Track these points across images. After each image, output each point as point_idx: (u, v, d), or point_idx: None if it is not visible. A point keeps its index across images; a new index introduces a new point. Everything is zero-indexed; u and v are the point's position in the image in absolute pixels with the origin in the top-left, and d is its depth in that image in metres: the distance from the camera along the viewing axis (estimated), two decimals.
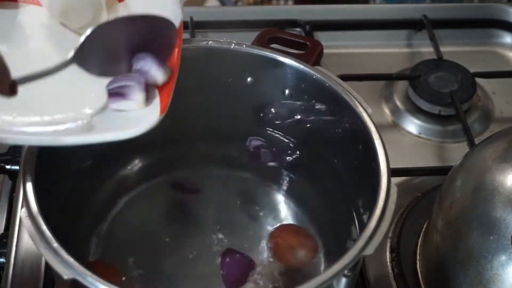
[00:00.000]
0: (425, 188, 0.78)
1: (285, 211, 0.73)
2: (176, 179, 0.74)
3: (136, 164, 0.74)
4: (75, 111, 0.60)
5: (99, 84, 0.61)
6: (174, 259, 0.68)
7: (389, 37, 0.99)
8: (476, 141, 0.80)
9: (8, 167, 0.80)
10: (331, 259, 0.55)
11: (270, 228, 0.71)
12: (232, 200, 0.73)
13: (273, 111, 0.73)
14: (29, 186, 0.57)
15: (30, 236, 0.54)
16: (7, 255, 0.70)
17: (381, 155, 0.61)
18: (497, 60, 0.98)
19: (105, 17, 0.67)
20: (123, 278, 0.65)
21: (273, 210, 0.73)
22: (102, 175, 0.72)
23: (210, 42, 0.70)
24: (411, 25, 0.99)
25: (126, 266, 0.66)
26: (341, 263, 0.54)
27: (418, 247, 0.72)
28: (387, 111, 0.90)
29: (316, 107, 0.70)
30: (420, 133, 0.87)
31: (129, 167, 0.74)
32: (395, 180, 0.60)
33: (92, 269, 0.52)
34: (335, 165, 0.70)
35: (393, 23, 0.99)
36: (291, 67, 0.69)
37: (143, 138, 0.73)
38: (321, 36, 0.93)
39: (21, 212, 0.55)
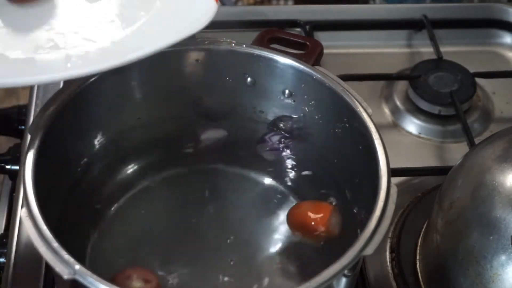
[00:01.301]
0: (425, 188, 0.78)
1: (285, 210, 0.73)
2: (177, 178, 0.74)
3: (137, 164, 0.74)
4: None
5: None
6: (176, 258, 0.68)
7: (389, 37, 0.99)
8: (476, 141, 0.80)
9: (8, 167, 0.80)
10: (332, 259, 0.55)
11: (271, 225, 0.71)
12: (234, 198, 0.73)
13: (273, 111, 0.73)
14: (29, 186, 0.57)
15: (30, 236, 0.54)
16: (7, 255, 0.70)
17: (381, 155, 0.61)
18: (497, 60, 0.98)
19: None
20: None
21: (273, 209, 0.73)
22: (103, 174, 0.72)
23: (210, 42, 0.70)
24: (411, 25, 0.99)
25: (126, 265, 0.66)
26: (341, 263, 0.54)
27: (418, 247, 0.72)
28: (387, 111, 0.90)
29: (316, 107, 0.70)
30: (420, 133, 0.87)
31: (131, 167, 0.74)
32: (395, 180, 0.60)
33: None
34: (335, 165, 0.71)
35: (393, 23, 0.99)
36: (291, 67, 0.69)
37: (143, 138, 0.74)
38: (321, 36, 0.93)
39: (21, 212, 0.56)
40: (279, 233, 0.71)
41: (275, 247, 0.70)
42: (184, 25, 0.61)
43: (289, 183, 0.74)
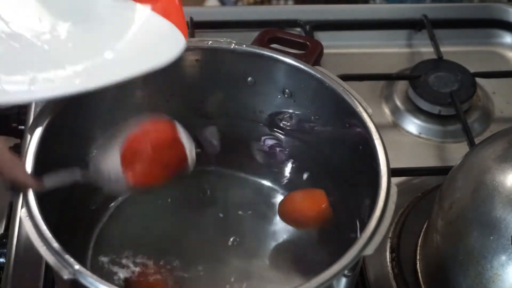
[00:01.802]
0: (425, 188, 0.78)
1: None
2: (177, 179, 0.74)
3: None
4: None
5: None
6: (176, 257, 0.68)
7: (389, 37, 0.99)
8: (476, 141, 0.80)
9: None
10: (332, 259, 0.55)
11: (271, 225, 0.71)
12: (233, 198, 0.73)
13: (273, 111, 0.73)
14: None
15: (30, 236, 0.54)
16: (7, 255, 0.70)
17: (381, 155, 0.61)
18: (497, 60, 0.98)
19: None
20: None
21: (272, 209, 0.73)
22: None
23: (210, 42, 0.70)
24: (411, 25, 0.99)
25: (126, 265, 0.66)
26: (341, 263, 0.54)
27: (418, 247, 0.72)
28: (387, 111, 0.90)
29: (316, 107, 0.70)
30: (420, 133, 0.87)
31: None
32: (395, 180, 0.60)
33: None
34: (335, 165, 0.71)
35: (393, 23, 0.99)
36: (291, 67, 0.69)
37: None
38: (321, 36, 0.93)
39: (21, 212, 0.56)
40: (279, 232, 0.71)
41: (275, 246, 0.70)
42: (153, 57, 0.63)
43: (289, 184, 0.74)
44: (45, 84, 0.59)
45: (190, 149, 0.62)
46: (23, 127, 0.83)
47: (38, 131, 0.61)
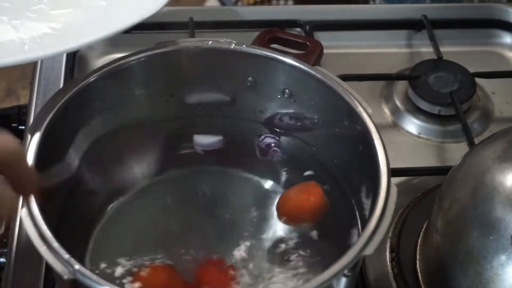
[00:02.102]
0: (425, 188, 0.78)
1: None
2: (177, 179, 0.74)
3: (137, 164, 0.74)
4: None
5: None
6: (176, 257, 0.68)
7: (389, 37, 0.99)
8: (476, 141, 0.80)
9: None
10: (332, 259, 0.55)
11: (270, 225, 0.71)
12: (233, 198, 0.73)
13: (273, 111, 0.73)
14: None
15: (30, 236, 0.54)
16: (7, 255, 0.70)
17: (381, 155, 0.61)
18: (497, 60, 0.98)
19: None
20: None
21: (272, 209, 0.73)
22: (103, 174, 0.72)
23: (210, 42, 0.70)
24: (411, 25, 0.99)
25: (125, 264, 0.66)
26: (341, 263, 0.54)
27: (418, 247, 0.72)
28: (387, 111, 0.90)
29: (316, 107, 0.70)
30: (420, 133, 0.87)
31: (130, 167, 0.74)
32: (395, 180, 0.60)
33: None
34: (335, 165, 0.71)
35: (393, 23, 0.99)
36: (291, 67, 0.69)
37: (143, 138, 0.74)
38: (321, 36, 0.93)
39: (21, 212, 0.55)
40: (279, 231, 0.71)
41: (275, 246, 0.70)
42: (139, 9, 0.63)
43: (289, 183, 0.74)
44: (35, 45, 0.59)
45: None
46: (23, 127, 0.83)
47: (38, 131, 0.61)
